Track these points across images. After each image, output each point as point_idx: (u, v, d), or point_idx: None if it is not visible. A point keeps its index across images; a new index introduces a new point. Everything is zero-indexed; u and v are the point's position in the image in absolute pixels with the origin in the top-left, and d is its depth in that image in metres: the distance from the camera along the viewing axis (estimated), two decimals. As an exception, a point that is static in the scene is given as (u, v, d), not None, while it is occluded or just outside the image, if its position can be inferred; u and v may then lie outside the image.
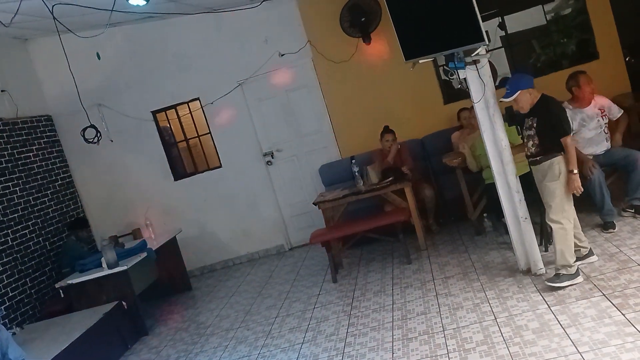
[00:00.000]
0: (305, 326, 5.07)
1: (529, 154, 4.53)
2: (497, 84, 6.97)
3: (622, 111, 5.53)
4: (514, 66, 7.37)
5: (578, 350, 3.41)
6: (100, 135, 6.80)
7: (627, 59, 7.12)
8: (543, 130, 4.38)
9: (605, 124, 5.46)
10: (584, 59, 7.08)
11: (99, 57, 6.83)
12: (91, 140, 6.77)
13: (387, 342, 4.28)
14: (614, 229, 5.13)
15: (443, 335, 4.14)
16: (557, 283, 4.31)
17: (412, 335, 4.27)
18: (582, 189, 4.32)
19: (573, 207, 4.39)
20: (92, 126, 6.66)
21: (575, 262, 4.36)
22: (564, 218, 4.32)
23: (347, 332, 4.67)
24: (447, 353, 3.87)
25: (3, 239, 6.48)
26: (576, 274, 4.32)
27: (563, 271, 4.33)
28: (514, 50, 7.36)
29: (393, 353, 4.09)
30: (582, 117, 5.40)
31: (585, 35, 7.18)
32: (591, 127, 5.41)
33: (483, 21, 4.22)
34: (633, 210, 5.29)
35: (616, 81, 6.91)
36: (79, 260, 6.30)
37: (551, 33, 7.24)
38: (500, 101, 4.52)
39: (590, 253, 4.62)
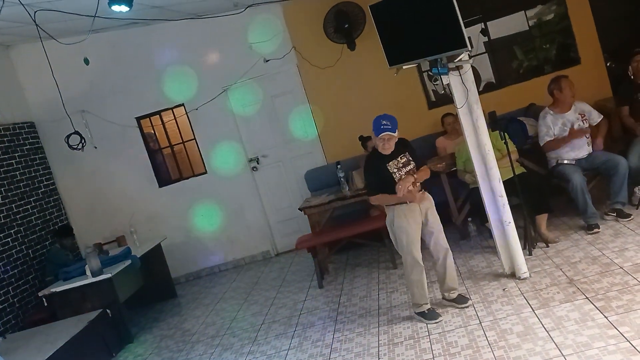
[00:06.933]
0: (292, 332, 5.06)
1: (419, 190, 4.54)
2: (480, 89, 7.06)
3: (602, 116, 5.62)
4: (497, 71, 7.43)
5: (562, 353, 3.44)
6: (85, 141, 6.77)
7: (608, 64, 7.22)
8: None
9: (586, 128, 5.53)
10: (566, 64, 7.17)
11: (87, 63, 6.75)
12: (75, 146, 6.72)
13: (373, 347, 4.28)
14: (599, 229, 5.19)
15: (429, 339, 4.16)
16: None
17: (397, 340, 4.28)
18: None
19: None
20: (77, 132, 6.61)
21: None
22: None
23: (333, 337, 4.67)
24: (433, 357, 3.88)
25: (-15, 248, 6.42)
26: (428, 315, 4.45)
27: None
28: (496, 56, 7.43)
29: (379, 358, 4.09)
30: (563, 121, 5.47)
31: (567, 41, 7.27)
32: (572, 130, 5.48)
33: (466, 27, 4.27)
34: (615, 214, 5.35)
35: (597, 86, 7.01)
36: (63, 268, 6.24)
37: (533, 38, 7.32)
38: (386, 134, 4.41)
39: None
